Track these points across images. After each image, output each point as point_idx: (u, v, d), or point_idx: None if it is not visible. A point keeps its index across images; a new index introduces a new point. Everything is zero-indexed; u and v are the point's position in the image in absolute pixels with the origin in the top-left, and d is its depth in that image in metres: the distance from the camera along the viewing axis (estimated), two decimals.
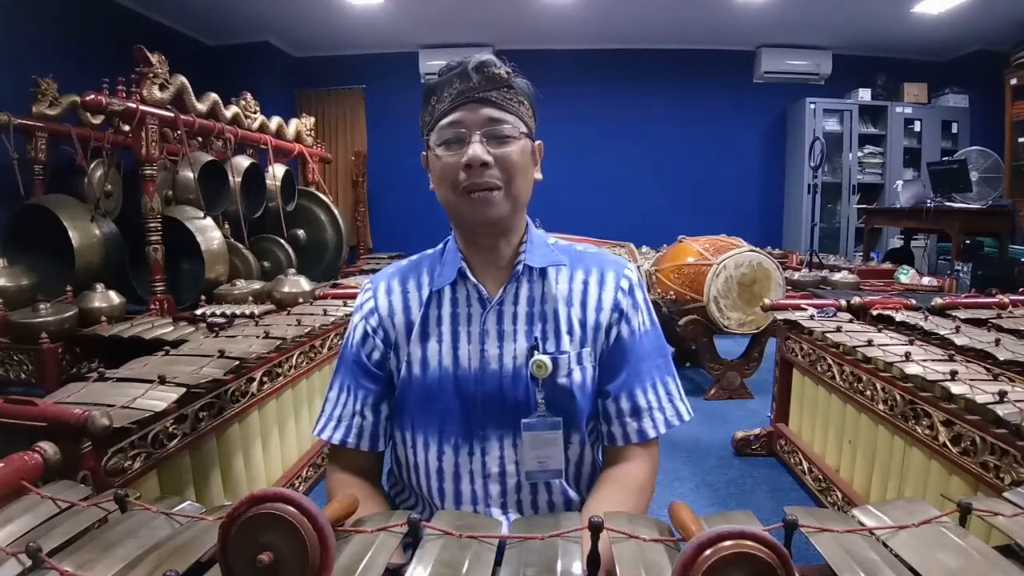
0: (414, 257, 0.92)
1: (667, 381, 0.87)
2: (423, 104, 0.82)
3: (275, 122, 4.10)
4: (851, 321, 1.96)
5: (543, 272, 0.84)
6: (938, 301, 2.10)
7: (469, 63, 0.77)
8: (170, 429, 1.23)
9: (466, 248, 0.85)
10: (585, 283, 0.85)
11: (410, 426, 0.85)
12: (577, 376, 0.82)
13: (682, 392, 0.89)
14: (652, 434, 0.85)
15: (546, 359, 0.79)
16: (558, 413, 0.80)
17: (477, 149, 0.75)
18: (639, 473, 0.84)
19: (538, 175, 0.86)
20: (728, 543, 0.45)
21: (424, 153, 0.84)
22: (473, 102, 0.77)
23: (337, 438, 0.86)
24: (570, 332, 0.83)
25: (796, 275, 3.65)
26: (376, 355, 0.86)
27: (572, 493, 0.85)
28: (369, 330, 0.86)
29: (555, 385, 0.81)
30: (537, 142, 0.84)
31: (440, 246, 0.91)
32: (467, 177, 0.76)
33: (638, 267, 2.96)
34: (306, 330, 1.88)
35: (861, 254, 5.33)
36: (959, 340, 1.62)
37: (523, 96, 0.81)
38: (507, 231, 0.84)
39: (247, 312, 2.27)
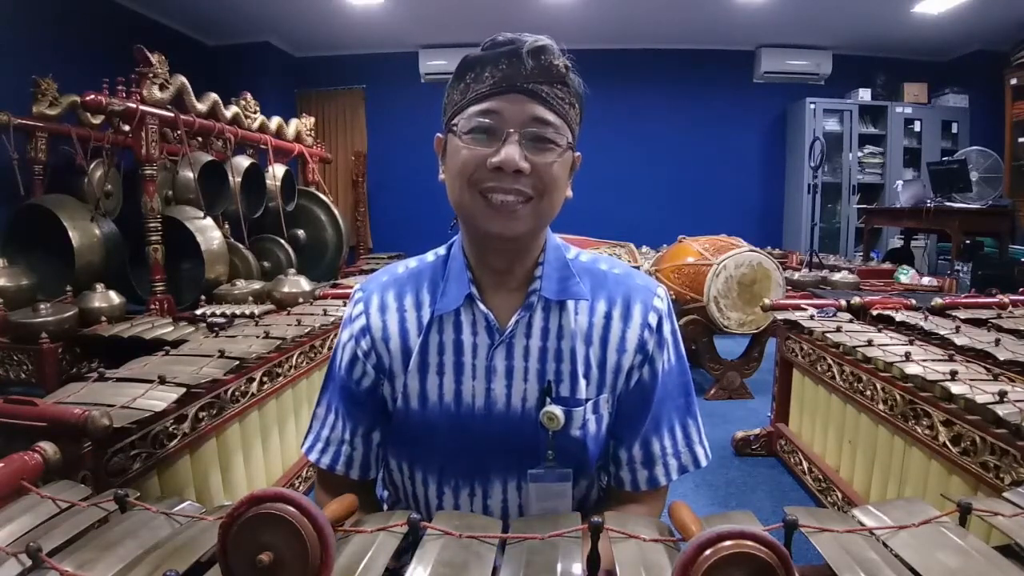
0: (411, 263, 0.80)
1: (687, 423, 0.79)
2: (455, 78, 0.68)
3: (275, 122, 4.10)
4: (851, 321, 1.96)
5: (561, 302, 0.74)
6: (938, 301, 2.10)
7: (524, 44, 0.64)
8: (170, 429, 1.23)
9: (476, 263, 0.74)
10: (607, 316, 0.74)
11: (407, 459, 0.78)
12: (592, 427, 0.74)
13: (702, 433, 0.80)
14: (663, 482, 0.78)
15: (558, 412, 0.70)
16: (567, 463, 0.73)
17: (513, 151, 0.64)
18: None
19: (569, 192, 0.73)
20: (728, 543, 0.45)
21: (440, 136, 0.72)
22: (520, 92, 0.64)
23: (325, 463, 0.79)
24: (587, 375, 0.73)
25: (796, 275, 3.65)
26: (366, 382, 0.76)
27: None
28: (360, 354, 0.76)
29: (567, 436, 0.72)
30: (576, 154, 0.73)
31: (444, 252, 0.79)
32: (493, 179, 0.65)
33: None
34: (306, 330, 1.88)
35: (861, 254, 5.33)
36: (959, 340, 1.62)
37: (575, 98, 0.69)
38: (524, 250, 0.73)
39: (247, 312, 2.27)
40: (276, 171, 3.98)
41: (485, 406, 0.73)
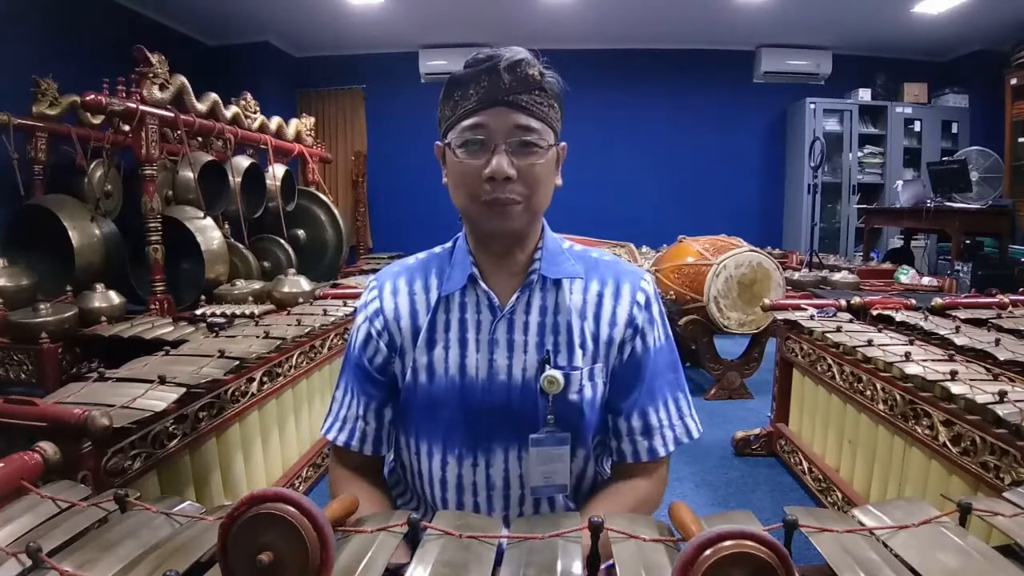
0: (421, 255, 0.88)
1: (678, 397, 0.86)
2: (444, 95, 0.76)
3: (275, 122, 4.10)
4: (851, 321, 1.96)
5: (557, 282, 0.81)
6: (938, 301, 2.10)
7: (501, 61, 0.71)
8: (170, 429, 1.23)
9: (477, 251, 0.82)
10: (600, 295, 0.82)
11: (414, 433, 0.83)
12: (588, 392, 0.80)
13: (692, 407, 0.87)
14: (662, 452, 0.83)
15: (558, 375, 0.76)
16: (566, 428, 0.78)
17: (502, 162, 0.71)
18: (644, 490, 0.83)
19: (558, 181, 0.81)
20: (728, 543, 0.45)
21: (439, 144, 0.80)
22: (502, 105, 0.72)
23: (341, 440, 0.85)
24: (583, 346, 0.80)
25: (796, 275, 3.65)
26: (379, 359, 0.83)
27: (573, 507, 0.85)
28: (374, 332, 0.83)
29: (565, 401, 0.78)
30: (561, 144, 0.80)
31: (449, 244, 0.87)
32: (489, 191, 0.73)
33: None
34: (306, 330, 1.88)
35: (861, 254, 5.32)
36: (959, 340, 1.62)
37: (553, 99, 0.76)
38: (522, 239, 0.81)
39: (247, 312, 2.27)
40: (276, 171, 3.98)
41: (488, 377, 0.79)
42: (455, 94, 0.74)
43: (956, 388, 1.24)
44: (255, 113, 3.84)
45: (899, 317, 1.97)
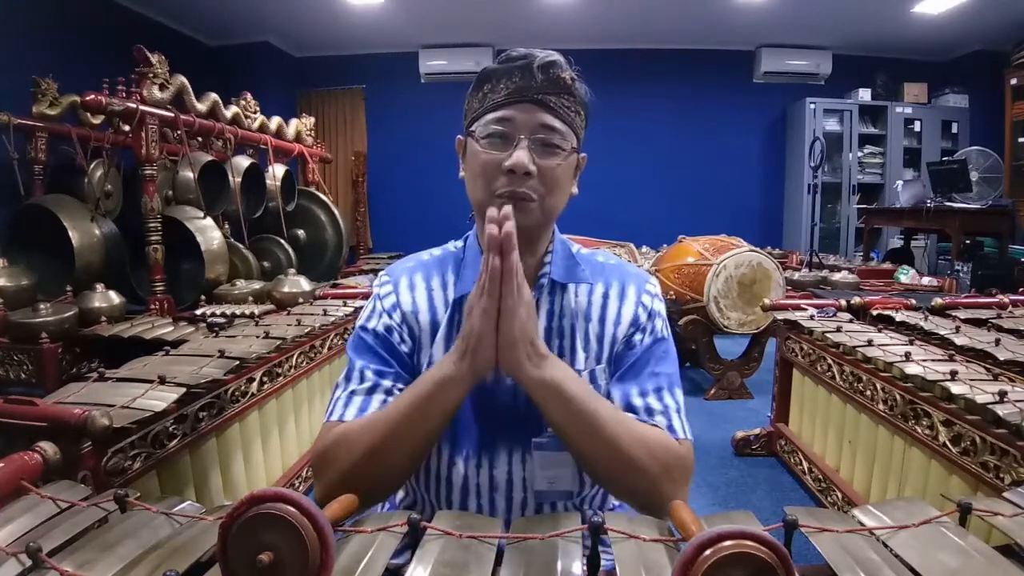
0: (436, 252, 0.89)
1: (663, 395, 0.79)
2: (474, 87, 0.78)
3: (275, 122, 4.10)
4: (851, 321, 1.96)
5: (564, 285, 0.82)
6: (938, 301, 2.10)
7: (535, 60, 0.73)
8: (170, 429, 1.23)
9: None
10: (605, 296, 0.83)
11: None
12: None
13: (682, 409, 0.81)
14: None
15: None
16: None
17: (523, 156, 0.72)
18: (651, 432, 0.75)
19: (575, 189, 0.81)
20: (728, 543, 0.45)
21: (460, 137, 0.80)
22: (530, 102, 0.73)
23: (351, 415, 0.75)
24: (586, 348, 0.81)
25: (796, 275, 3.65)
26: (405, 348, 0.82)
27: (576, 504, 0.84)
28: (395, 324, 0.82)
29: None
30: (581, 154, 0.81)
31: (461, 243, 0.87)
32: (507, 183, 0.73)
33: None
34: (306, 330, 1.88)
35: (861, 254, 5.32)
36: (959, 340, 1.62)
37: (580, 106, 0.77)
38: (533, 241, 0.81)
39: (247, 312, 2.27)
40: (276, 171, 3.97)
41: (495, 378, 0.78)
42: (485, 87, 0.76)
43: (956, 388, 1.24)
44: (255, 113, 3.84)
45: (899, 317, 1.97)
